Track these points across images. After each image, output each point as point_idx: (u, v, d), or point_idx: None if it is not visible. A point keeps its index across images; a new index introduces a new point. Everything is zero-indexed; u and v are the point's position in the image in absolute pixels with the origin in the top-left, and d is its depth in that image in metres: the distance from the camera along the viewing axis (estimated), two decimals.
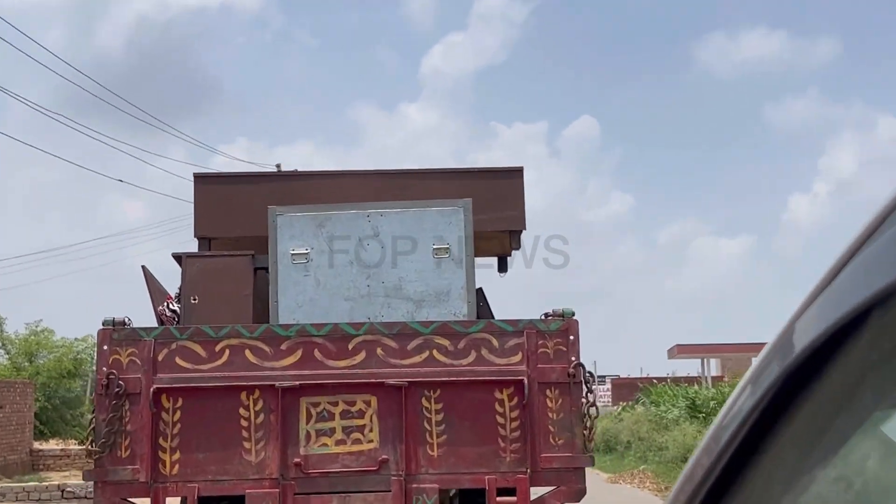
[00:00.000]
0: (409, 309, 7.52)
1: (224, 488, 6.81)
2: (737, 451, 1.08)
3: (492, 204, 8.75)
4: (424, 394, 6.94)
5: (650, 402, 29.03)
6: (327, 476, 6.84)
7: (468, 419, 6.93)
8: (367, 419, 6.92)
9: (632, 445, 24.44)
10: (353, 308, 7.51)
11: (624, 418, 28.14)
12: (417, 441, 6.90)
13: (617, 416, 29.48)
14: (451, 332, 7.01)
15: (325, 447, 6.88)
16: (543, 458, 6.90)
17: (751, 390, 1.07)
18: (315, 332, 6.99)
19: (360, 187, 8.63)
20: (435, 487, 6.85)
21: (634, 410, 29.33)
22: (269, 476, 6.80)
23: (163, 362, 6.88)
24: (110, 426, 6.74)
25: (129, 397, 6.81)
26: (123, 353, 6.85)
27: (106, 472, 6.78)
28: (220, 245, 8.79)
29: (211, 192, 8.87)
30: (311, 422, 6.90)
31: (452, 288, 7.59)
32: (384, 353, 6.97)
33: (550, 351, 7.01)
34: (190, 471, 6.80)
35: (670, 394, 27.76)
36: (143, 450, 6.76)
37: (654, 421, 24.76)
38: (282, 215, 7.70)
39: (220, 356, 6.91)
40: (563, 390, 6.97)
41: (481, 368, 6.96)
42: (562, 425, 6.95)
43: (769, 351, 1.06)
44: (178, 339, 6.93)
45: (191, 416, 6.86)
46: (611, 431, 27.21)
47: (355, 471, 6.85)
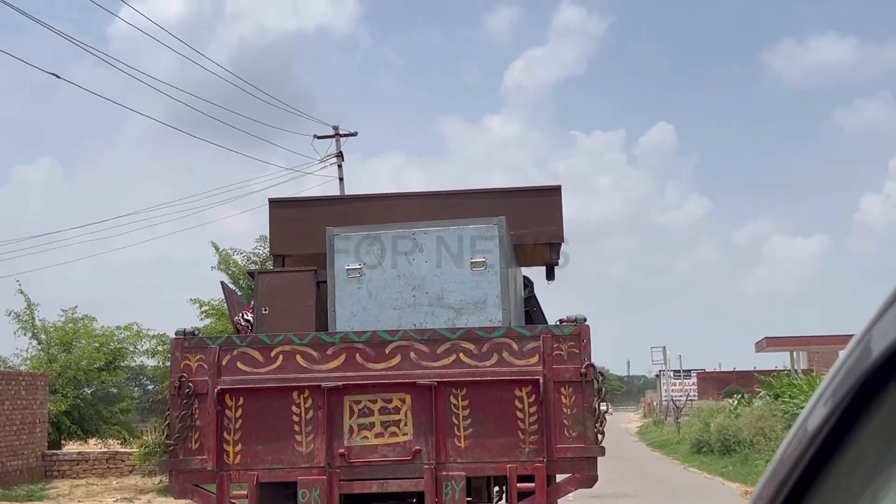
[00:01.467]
0: (450, 316, 8.37)
1: (279, 475, 7.82)
2: (820, 449, 1.11)
3: (533, 220, 9.59)
4: (452, 392, 7.79)
5: (772, 394, 27.78)
6: (368, 465, 7.76)
7: (491, 414, 7.74)
8: (403, 415, 7.82)
9: (756, 445, 22.82)
10: (400, 316, 8.41)
11: (742, 413, 26.62)
12: (446, 434, 7.75)
13: (733, 412, 28.25)
14: (475, 338, 7.83)
15: (365, 439, 7.81)
16: (559, 448, 7.64)
17: (833, 390, 1.09)
18: (356, 339, 7.93)
19: (414, 207, 9.57)
20: (462, 475, 7.69)
21: (752, 404, 28.31)
22: (318, 465, 7.76)
23: (226, 366, 7.94)
24: (182, 422, 7.84)
25: (198, 397, 7.89)
26: (193, 358, 7.96)
27: (179, 461, 7.87)
28: (292, 261, 9.88)
29: (284, 215, 9.99)
30: (353, 417, 7.84)
31: (488, 297, 8.39)
32: (417, 357, 7.85)
33: (564, 353, 7.75)
34: (250, 460, 7.84)
35: (799, 385, 26.14)
36: (210, 442, 7.83)
37: (782, 417, 23.33)
38: (338, 235, 8.67)
39: (274, 361, 7.93)
40: (576, 388, 7.71)
41: (502, 369, 7.76)
42: (575, 419, 7.68)
43: (849, 352, 1.08)
44: (239, 346, 8.01)
45: (250, 413, 7.90)
46: (729, 429, 25.68)
47: (392, 460, 7.75)
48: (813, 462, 1.11)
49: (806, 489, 1.13)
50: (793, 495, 1.15)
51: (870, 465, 1.07)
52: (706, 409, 32.47)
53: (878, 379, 1.02)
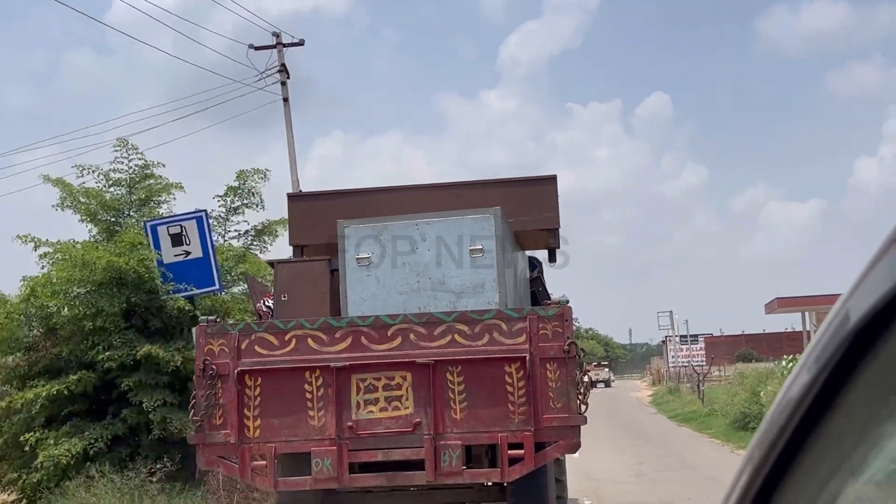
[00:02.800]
0: (451, 300, 9.12)
1: (294, 447, 8.66)
2: (810, 408, 1.11)
3: (531, 207, 10.31)
4: (448, 369, 8.55)
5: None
6: (374, 436, 8.57)
7: (484, 389, 8.50)
8: (404, 391, 8.60)
9: None
10: (406, 300, 9.18)
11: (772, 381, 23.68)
12: (443, 407, 8.52)
13: (760, 379, 25.74)
14: (468, 320, 8.58)
15: (371, 413, 8.62)
16: (545, 418, 8.39)
17: (820, 350, 1.10)
18: (361, 323, 8.72)
19: (420, 198, 10.32)
20: (458, 444, 8.47)
21: (782, 367, 25.09)
22: (329, 437, 8.58)
23: (245, 350, 8.79)
24: (207, 401, 8.72)
25: (221, 378, 8.74)
26: (215, 343, 8.81)
27: (205, 436, 8.76)
28: (310, 251, 10.70)
29: (300, 209, 10.83)
30: (360, 394, 8.64)
31: (486, 281, 9.12)
32: (416, 338, 8.62)
33: (549, 332, 8.47)
34: (268, 434, 8.69)
35: None
36: (232, 418, 8.68)
37: None
38: (348, 227, 9.44)
39: (288, 344, 8.76)
40: (560, 364, 8.43)
41: (493, 348, 8.51)
42: (559, 392, 8.41)
43: (837, 310, 1.08)
44: (256, 332, 8.85)
45: (267, 392, 8.74)
46: (755, 399, 23.43)
47: (395, 431, 8.56)
48: (801, 425, 1.13)
49: (796, 452, 1.15)
50: (783, 458, 1.16)
51: (859, 426, 1.09)
52: (751, 375, 28.31)
53: (859, 344, 1.04)
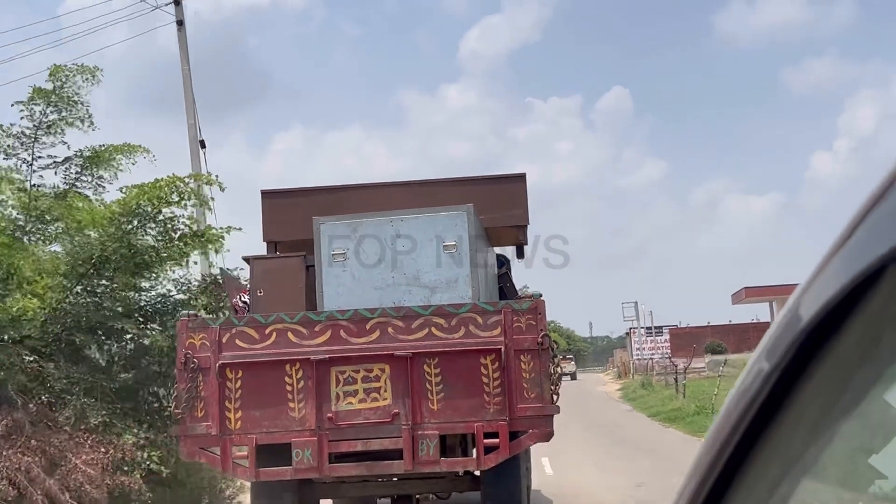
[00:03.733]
0: (425, 295, 9.38)
1: (275, 438, 8.86)
2: (760, 410, 1.09)
3: (501, 205, 10.64)
4: (426, 362, 8.82)
5: None
6: (353, 426, 8.81)
7: (460, 380, 8.79)
8: (383, 382, 8.85)
9: None
10: (381, 295, 9.41)
11: None
12: (421, 398, 8.79)
13: None
14: (445, 313, 8.86)
15: (350, 405, 8.85)
16: (519, 408, 8.71)
17: (770, 349, 1.07)
18: (340, 317, 8.96)
19: (390, 196, 10.59)
20: (436, 433, 8.75)
21: None
22: (309, 427, 8.80)
23: (226, 343, 8.96)
24: (189, 393, 8.89)
25: (202, 371, 8.91)
26: (197, 337, 8.98)
27: (187, 428, 8.94)
28: (284, 248, 10.92)
29: (274, 205, 11.02)
30: (339, 385, 8.87)
31: (459, 277, 9.40)
32: (394, 331, 8.88)
33: (523, 325, 8.79)
34: (249, 425, 8.88)
35: None
36: (214, 410, 8.85)
37: None
38: (323, 223, 9.65)
39: (269, 338, 8.96)
40: (533, 356, 8.75)
41: (469, 341, 8.79)
42: (533, 383, 8.73)
43: (788, 310, 1.06)
44: (237, 326, 9.03)
45: (248, 384, 8.92)
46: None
47: (374, 422, 8.80)
48: (752, 425, 1.11)
49: (746, 452, 1.13)
50: (733, 459, 1.14)
51: (811, 425, 1.08)
52: (739, 365, 26.31)
53: (811, 341, 1.02)
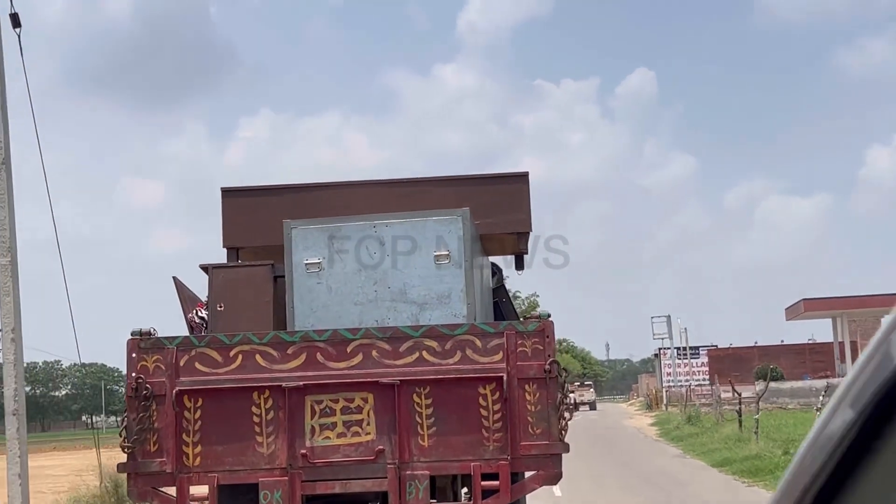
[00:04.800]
0: (413, 312, 8.23)
1: (240, 477, 7.67)
2: (844, 457, 1.03)
3: (500, 208, 9.47)
4: (415, 391, 7.68)
5: None
6: (330, 465, 7.64)
7: (455, 413, 7.65)
8: (365, 414, 7.70)
9: None
10: (362, 312, 8.26)
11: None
12: (410, 433, 7.64)
13: None
14: (438, 335, 7.71)
15: (328, 440, 7.68)
16: (523, 446, 7.58)
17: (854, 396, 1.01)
18: (317, 338, 7.78)
19: (373, 196, 9.40)
20: (426, 474, 7.60)
21: None
22: (279, 466, 7.63)
23: (184, 367, 7.76)
24: (140, 424, 7.66)
25: (156, 399, 7.71)
26: (150, 359, 7.77)
27: (137, 464, 7.71)
28: (246, 254, 9.68)
29: (237, 205, 9.75)
30: (315, 417, 7.70)
31: (453, 291, 8.26)
32: (379, 355, 7.72)
33: (528, 350, 7.66)
34: (210, 462, 7.69)
35: None
36: (169, 444, 7.66)
37: None
38: (296, 228, 8.47)
39: (234, 361, 7.76)
40: (540, 385, 7.63)
41: (466, 367, 7.66)
42: (539, 416, 7.61)
43: (876, 347, 0.99)
44: (197, 347, 7.82)
45: (210, 415, 7.74)
46: None
47: (355, 460, 7.64)
48: (837, 471, 1.03)
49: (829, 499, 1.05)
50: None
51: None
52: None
53: None
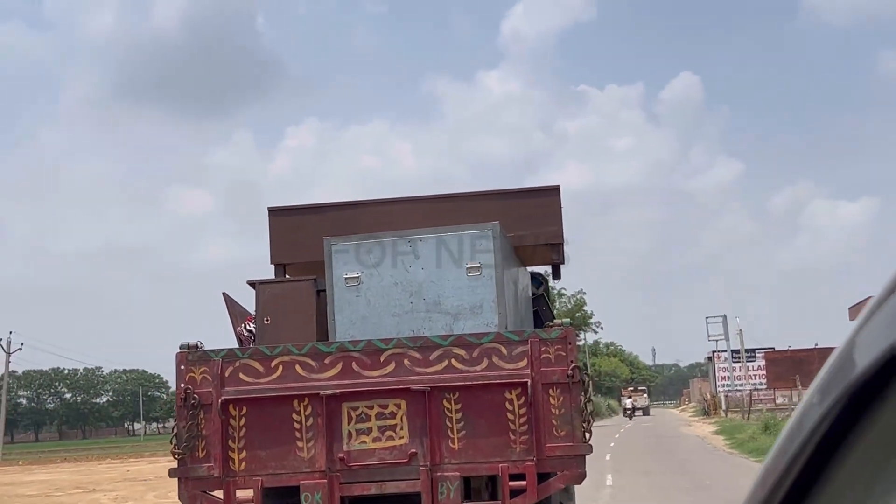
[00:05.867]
0: (447, 322, 8.62)
1: (282, 480, 8.14)
2: (809, 461, 1.03)
3: (532, 221, 9.82)
4: (445, 396, 8.06)
5: None
6: (367, 468, 8.06)
7: (483, 417, 8.01)
8: (398, 419, 8.10)
9: None
10: (399, 323, 8.67)
11: None
12: (441, 436, 8.03)
13: None
14: (466, 344, 8.09)
15: (363, 444, 8.11)
16: (548, 447, 7.92)
17: (819, 398, 1.01)
18: (352, 348, 8.21)
19: (409, 212, 9.81)
20: (457, 475, 7.98)
21: None
22: (319, 469, 8.08)
23: (229, 378, 8.26)
24: (189, 432, 8.18)
25: (203, 407, 8.22)
26: (197, 371, 8.29)
27: (187, 469, 8.23)
28: (293, 270, 10.18)
29: (283, 224, 10.25)
30: (351, 423, 8.13)
31: (485, 302, 8.62)
32: (410, 364, 8.12)
33: (552, 356, 7.99)
34: (254, 466, 8.17)
35: None
36: (216, 450, 8.16)
37: None
38: (335, 245, 8.92)
39: (275, 371, 8.24)
40: (563, 389, 7.95)
41: (492, 373, 8.02)
42: (563, 419, 7.93)
43: (837, 358, 1.00)
44: (240, 358, 8.32)
45: (253, 422, 8.22)
46: None
47: (389, 463, 8.05)
48: (809, 464, 1.03)
49: (803, 493, 1.05)
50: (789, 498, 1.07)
51: (869, 473, 0.99)
52: None
53: (870, 387, 0.94)
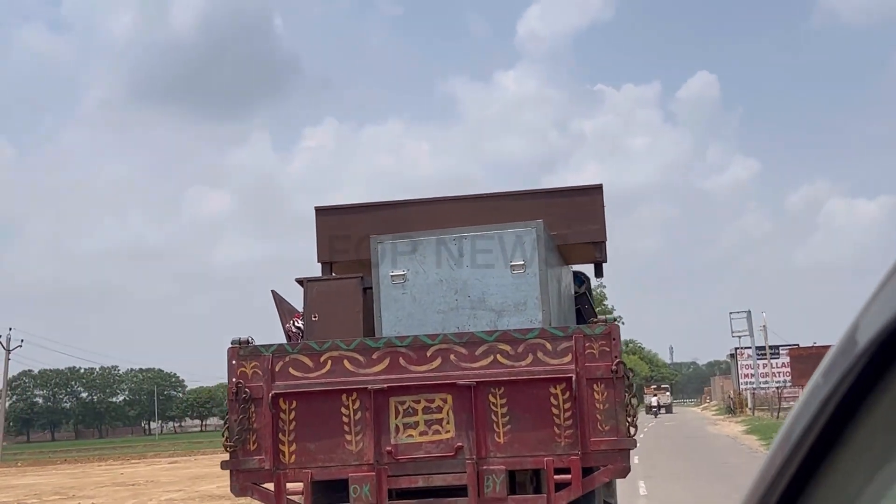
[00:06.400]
0: (491, 318, 8.77)
1: (331, 473, 8.32)
2: (815, 443, 1.04)
3: (575, 219, 9.96)
4: (491, 391, 8.21)
5: None
6: (414, 461, 8.23)
7: (528, 411, 8.15)
8: (445, 413, 8.26)
9: None
10: (444, 319, 8.84)
11: None
12: (486, 430, 8.17)
13: None
14: (511, 339, 8.23)
15: (410, 437, 8.27)
16: (592, 441, 8.04)
17: (823, 380, 1.01)
18: (399, 344, 8.38)
19: (455, 211, 9.97)
20: (502, 469, 8.12)
21: None
22: (367, 462, 8.25)
23: (279, 372, 8.46)
24: (241, 425, 8.38)
25: (254, 401, 8.42)
26: (248, 365, 8.49)
27: (239, 462, 8.43)
28: (339, 268, 10.37)
29: (329, 223, 10.46)
30: (398, 417, 8.30)
31: (528, 299, 8.77)
32: (456, 359, 8.27)
33: (596, 351, 8.12)
34: (304, 459, 8.35)
35: None
36: (267, 443, 8.36)
37: None
38: (382, 243, 9.10)
39: (324, 366, 8.43)
40: (607, 384, 8.08)
41: (537, 368, 8.16)
42: (607, 414, 8.05)
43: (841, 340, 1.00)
44: (290, 353, 8.51)
45: (303, 415, 8.41)
46: None
47: (436, 456, 8.21)
48: (812, 452, 1.04)
49: (805, 480, 1.06)
50: (792, 486, 1.07)
51: (873, 458, 1.00)
52: None
53: (871, 370, 0.95)
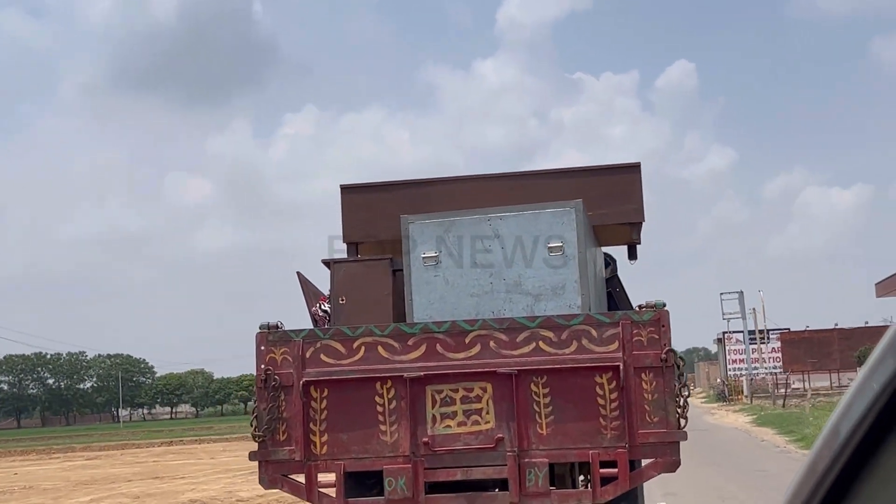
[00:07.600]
0: (528, 303, 8.38)
1: (365, 464, 7.96)
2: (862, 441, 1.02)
3: (612, 199, 9.56)
4: (533, 380, 7.84)
5: None
6: (451, 453, 7.86)
7: (572, 401, 7.79)
8: (484, 403, 7.89)
9: None
10: (478, 303, 8.45)
11: None
12: (528, 421, 7.81)
13: None
14: (554, 325, 7.86)
15: (448, 428, 7.90)
16: (640, 434, 7.68)
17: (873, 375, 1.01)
18: (436, 329, 8.00)
19: (487, 190, 9.56)
20: (545, 462, 7.76)
21: None
22: (402, 454, 7.88)
23: (310, 359, 8.07)
24: (270, 414, 8.00)
25: (284, 389, 8.04)
26: (278, 352, 8.10)
27: (268, 452, 8.05)
28: (365, 249, 9.96)
29: (355, 202, 10.02)
30: (435, 406, 7.93)
31: (567, 282, 8.38)
32: (496, 346, 7.90)
33: (644, 339, 7.76)
34: (336, 450, 7.99)
35: None
36: (297, 433, 7.99)
37: None
38: (413, 223, 8.70)
39: (357, 352, 8.04)
40: (656, 374, 7.72)
41: (582, 356, 7.79)
42: (656, 405, 7.70)
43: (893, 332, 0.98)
44: (321, 339, 8.12)
45: (335, 404, 8.03)
46: None
47: (475, 448, 7.85)
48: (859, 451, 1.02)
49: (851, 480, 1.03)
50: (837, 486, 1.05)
51: None
52: None
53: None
